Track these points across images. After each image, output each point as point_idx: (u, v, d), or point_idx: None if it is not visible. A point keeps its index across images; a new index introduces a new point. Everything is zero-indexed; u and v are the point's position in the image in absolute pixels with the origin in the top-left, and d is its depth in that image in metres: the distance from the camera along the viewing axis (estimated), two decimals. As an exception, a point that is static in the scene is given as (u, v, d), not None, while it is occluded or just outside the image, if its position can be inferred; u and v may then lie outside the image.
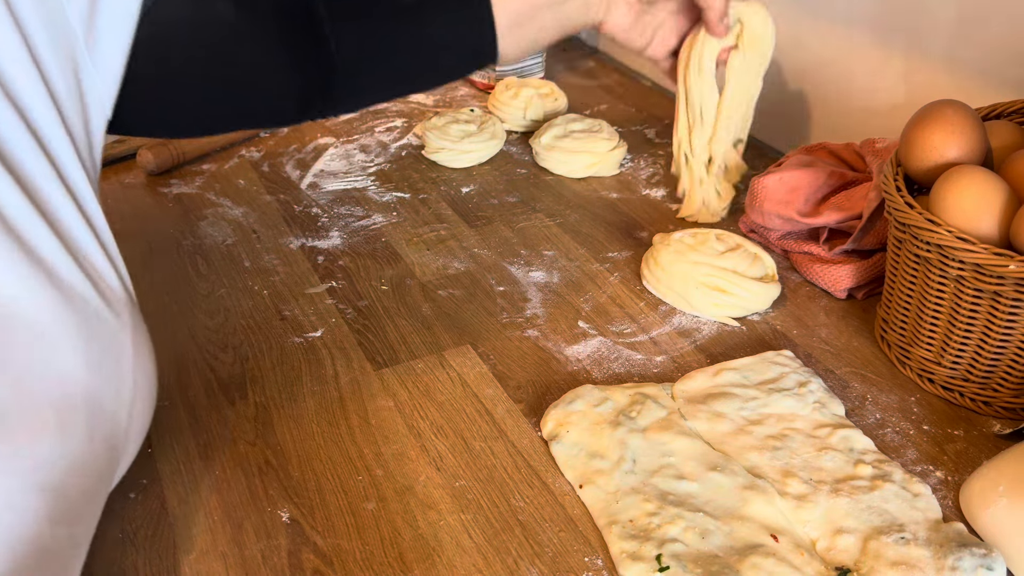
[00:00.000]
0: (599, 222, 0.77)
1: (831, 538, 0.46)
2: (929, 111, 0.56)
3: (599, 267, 0.71)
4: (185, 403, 0.55)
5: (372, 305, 0.66)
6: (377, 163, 0.87)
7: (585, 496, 0.49)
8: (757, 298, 0.64)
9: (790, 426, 0.53)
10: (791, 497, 0.48)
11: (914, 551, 0.45)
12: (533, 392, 0.57)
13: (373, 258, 0.71)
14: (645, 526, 0.46)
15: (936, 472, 0.52)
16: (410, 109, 0.99)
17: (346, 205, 0.79)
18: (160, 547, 0.46)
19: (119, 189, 0.80)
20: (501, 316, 0.65)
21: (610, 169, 0.85)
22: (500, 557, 0.46)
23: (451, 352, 0.61)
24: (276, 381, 0.58)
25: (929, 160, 0.55)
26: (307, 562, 0.45)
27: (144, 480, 0.50)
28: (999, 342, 0.53)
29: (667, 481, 0.49)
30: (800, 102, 0.88)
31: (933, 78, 0.74)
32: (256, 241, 0.73)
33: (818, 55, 0.84)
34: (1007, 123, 0.59)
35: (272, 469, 0.51)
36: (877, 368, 0.60)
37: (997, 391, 0.55)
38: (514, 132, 0.94)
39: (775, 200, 0.69)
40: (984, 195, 0.51)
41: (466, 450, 0.53)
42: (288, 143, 0.90)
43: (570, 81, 1.08)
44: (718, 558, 0.45)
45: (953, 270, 0.52)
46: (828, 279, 0.67)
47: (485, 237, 0.75)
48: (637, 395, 0.55)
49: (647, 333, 0.63)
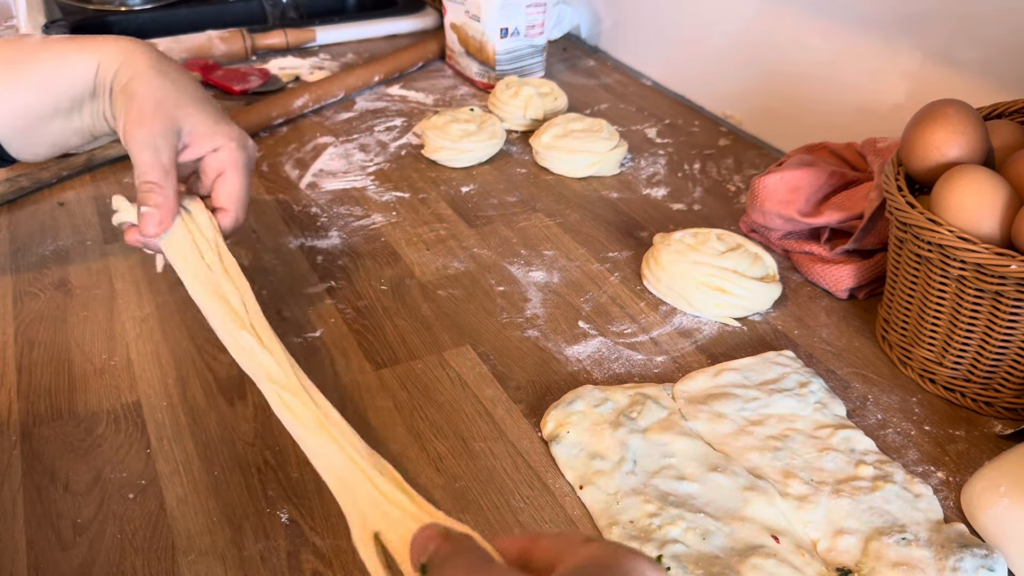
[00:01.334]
0: (599, 222, 0.77)
1: (832, 539, 0.46)
2: (930, 111, 0.56)
3: (599, 267, 0.71)
4: (184, 404, 0.55)
5: (371, 305, 0.65)
6: (376, 162, 0.87)
7: (585, 497, 0.49)
8: (758, 298, 0.64)
9: (791, 427, 0.53)
10: (792, 498, 0.48)
11: (915, 552, 0.45)
12: (533, 392, 0.57)
13: (372, 258, 0.71)
14: (646, 527, 0.46)
15: (937, 473, 0.52)
16: (410, 109, 0.99)
17: (345, 205, 0.79)
18: (159, 548, 0.46)
19: (118, 189, 0.80)
20: (501, 316, 0.64)
21: (610, 169, 0.85)
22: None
23: (451, 352, 0.61)
24: (275, 381, 0.58)
25: (930, 160, 0.55)
26: (306, 563, 0.45)
27: (143, 480, 0.50)
28: (1000, 342, 0.52)
29: (668, 482, 0.49)
30: (801, 102, 0.88)
31: (934, 77, 0.74)
32: (255, 241, 0.73)
33: (818, 55, 0.84)
34: (1009, 123, 0.59)
35: (271, 470, 0.51)
36: (878, 368, 0.60)
37: (999, 392, 0.55)
38: (514, 132, 0.94)
39: (776, 200, 0.69)
40: (986, 195, 0.51)
41: (466, 451, 0.52)
42: (287, 142, 0.90)
43: (570, 81, 1.08)
44: (719, 559, 0.45)
45: (954, 270, 0.52)
46: (829, 279, 0.67)
47: (485, 237, 0.74)
48: (638, 395, 0.55)
49: (647, 333, 0.63)
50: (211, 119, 0.56)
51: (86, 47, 0.55)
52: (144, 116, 0.53)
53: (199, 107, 0.56)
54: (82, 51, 0.55)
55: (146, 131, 0.53)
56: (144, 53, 0.56)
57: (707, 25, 0.98)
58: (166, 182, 0.54)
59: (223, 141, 0.56)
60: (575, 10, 1.19)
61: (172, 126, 0.54)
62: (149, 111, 0.53)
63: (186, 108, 0.55)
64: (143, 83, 0.54)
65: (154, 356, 0.59)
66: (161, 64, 0.56)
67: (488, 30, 1.00)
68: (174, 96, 0.55)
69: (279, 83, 1.03)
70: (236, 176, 0.57)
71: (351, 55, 1.14)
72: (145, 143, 0.53)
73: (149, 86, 0.54)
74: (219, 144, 0.56)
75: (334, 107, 0.99)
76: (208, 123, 0.56)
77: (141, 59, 0.55)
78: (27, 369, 0.58)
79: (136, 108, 0.53)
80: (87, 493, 0.49)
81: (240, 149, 0.57)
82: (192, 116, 0.55)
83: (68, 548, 0.45)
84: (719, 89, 0.98)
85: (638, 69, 1.11)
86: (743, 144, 0.93)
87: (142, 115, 0.53)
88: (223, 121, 0.57)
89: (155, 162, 0.53)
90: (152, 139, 0.53)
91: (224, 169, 0.57)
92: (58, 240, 0.72)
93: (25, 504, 0.48)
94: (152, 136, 0.53)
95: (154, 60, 0.55)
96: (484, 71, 1.03)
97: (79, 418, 0.54)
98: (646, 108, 1.01)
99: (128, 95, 0.54)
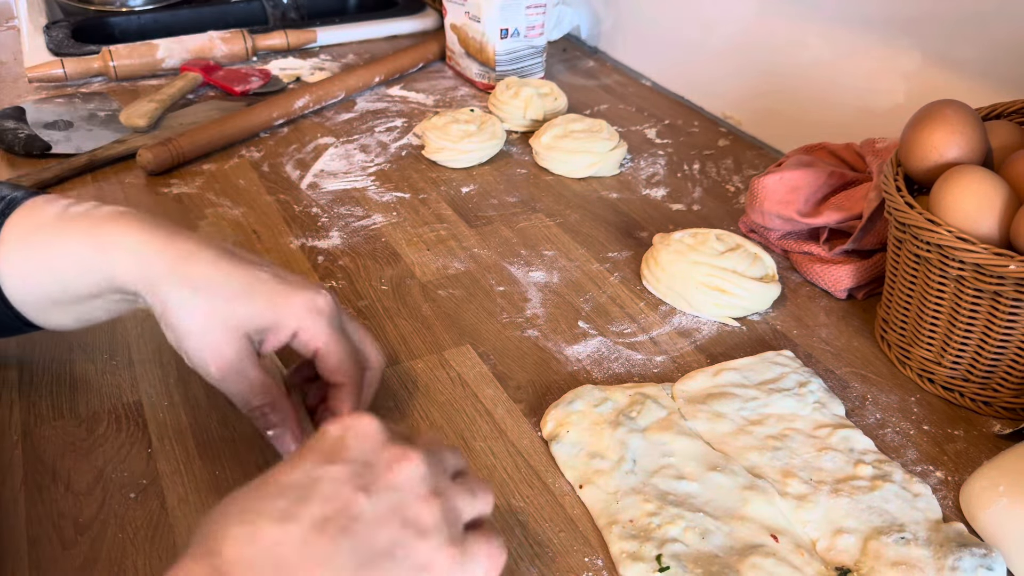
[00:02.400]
0: (599, 222, 0.77)
1: (831, 538, 0.46)
2: (929, 111, 0.56)
3: (599, 267, 0.71)
4: (185, 403, 0.55)
5: (372, 305, 0.66)
6: (377, 163, 0.87)
7: (585, 496, 0.49)
8: (757, 298, 0.64)
9: (790, 426, 0.53)
10: (791, 497, 0.48)
11: (914, 551, 0.45)
12: (533, 392, 0.57)
13: (373, 258, 0.71)
14: (645, 526, 0.46)
15: (936, 472, 0.52)
16: (410, 109, 0.99)
17: (346, 205, 0.79)
18: (160, 547, 0.46)
19: (119, 189, 0.80)
20: (501, 316, 0.65)
21: (610, 169, 0.85)
22: (500, 557, 0.46)
23: (451, 352, 0.61)
24: (276, 381, 0.58)
25: (929, 160, 0.55)
26: (307, 562, 0.45)
27: (144, 480, 0.50)
28: (999, 342, 0.52)
29: (667, 481, 0.49)
30: (800, 102, 0.88)
31: (933, 78, 0.74)
32: (256, 241, 0.73)
33: (818, 55, 0.84)
34: (1007, 123, 0.59)
35: (272, 469, 0.51)
36: (877, 368, 0.60)
37: (997, 391, 0.55)
38: (514, 132, 0.94)
39: (775, 200, 0.69)
40: (984, 195, 0.51)
41: (466, 450, 0.53)
42: (288, 143, 0.90)
43: (570, 81, 1.08)
44: (718, 558, 0.45)
45: (953, 270, 0.52)
46: (828, 279, 0.67)
47: (485, 237, 0.75)
48: (637, 395, 0.55)
49: (647, 333, 0.63)
50: (266, 304, 0.46)
51: (100, 247, 0.46)
52: (205, 349, 0.45)
53: (249, 299, 0.46)
54: (97, 252, 0.46)
55: (215, 368, 0.46)
56: (159, 259, 0.46)
57: (707, 26, 0.98)
58: (268, 397, 0.47)
59: (294, 324, 0.47)
60: (575, 11, 1.19)
61: (237, 342, 0.46)
62: (207, 343, 0.45)
63: (235, 309, 0.46)
64: (174, 309, 0.45)
65: (155, 356, 0.59)
66: (179, 268, 0.46)
67: (488, 31, 1.00)
68: (215, 304, 0.46)
69: (280, 84, 1.03)
70: (331, 349, 0.48)
71: (352, 56, 1.14)
72: (226, 379, 0.46)
73: (183, 309, 0.45)
74: (292, 327, 0.47)
75: (335, 108, 0.99)
76: (266, 311, 0.46)
77: (157, 268, 0.46)
78: (28, 368, 0.58)
79: (192, 345, 0.46)
80: (88, 492, 0.49)
81: (316, 318, 0.47)
82: (249, 315, 0.46)
83: (69, 547, 0.46)
84: (718, 90, 0.98)
85: (638, 70, 1.11)
86: (742, 144, 0.93)
87: (201, 351, 0.46)
88: (280, 294, 0.47)
89: (247, 388, 0.46)
90: (227, 372, 0.46)
91: (315, 348, 0.48)
92: (59, 240, 0.72)
93: (26, 503, 0.48)
94: (225, 369, 0.46)
95: (169, 267, 0.46)
96: (484, 72, 1.04)
97: (80, 417, 0.54)
98: (646, 109, 1.01)
99: (169, 327, 0.46)
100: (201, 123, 0.89)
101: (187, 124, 0.90)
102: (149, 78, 1.04)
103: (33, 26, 1.11)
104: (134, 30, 1.20)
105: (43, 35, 1.09)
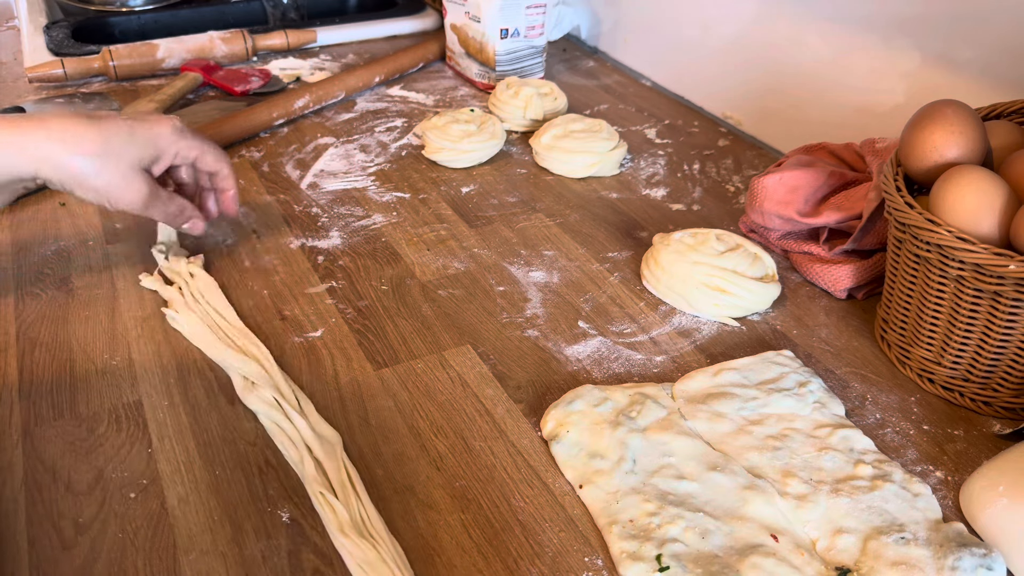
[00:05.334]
0: (599, 222, 0.77)
1: (831, 538, 0.46)
2: (929, 111, 0.56)
3: (599, 267, 0.71)
4: (185, 403, 0.55)
5: (372, 305, 0.66)
6: (377, 163, 0.87)
7: (585, 496, 0.49)
8: (757, 298, 0.64)
9: (790, 426, 0.53)
10: (791, 497, 0.48)
11: (914, 551, 0.45)
12: (533, 392, 0.57)
13: (373, 258, 0.71)
14: (645, 526, 0.46)
15: (936, 472, 0.52)
16: (410, 109, 0.99)
17: (346, 205, 0.79)
18: (160, 547, 0.46)
19: (119, 189, 0.80)
20: (501, 316, 0.65)
21: (610, 169, 0.85)
22: (500, 557, 0.46)
23: (451, 352, 0.61)
24: (276, 381, 0.58)
25: (929, 160, 0.55)
26: (307, 562, 0.45)
27: (144, 480, 0.50)
28: (999, 342, 0.53)
29: (667, 481, 0.49)
30: (800, 102, 0.88)
31: (933, 78, 0.74)
32: (256, 241, 0.73)
33: (818, 55, 0.84)
34: (1007, 123, 0.59)
35: (272, 469, 0.51)
36: (877, 368, 0.60)
37: (997, 391, 0.55)
38: (514, 132, 0.94)
39: (775, 200, 0.69)
40: (984, 195, 0.51)
41: (466, 450, 0.53)
42: (288, 143, 0.90)
43: (570, 81, 1.08)
44: (718, 558, 0.45)
45: (953, 270, 0.52)
46: (828, 279, 0.67)
47: (485, 237, 0.75)
48: (637, 395, 0.55)
49: (647, 333, 0.63)
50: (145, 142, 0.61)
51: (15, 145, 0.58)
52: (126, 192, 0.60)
53: (132, 144, 0.60)
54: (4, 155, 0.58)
55: (140, 202, 0.61)
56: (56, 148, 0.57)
57: (706, 26, 0.98)
58: (179, 204, 0.64)
59: (172, 148, 0.63)
60: (575, 11, 1.19)
61: (142, 176, 0.61)
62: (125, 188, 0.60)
63: (130, 155, 0.60)
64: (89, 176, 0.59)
65: (155, 356, 0.59)
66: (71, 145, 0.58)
67: (488, 31, 1.00)
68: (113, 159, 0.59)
69: (280, 84, 1.03)
70: (205, 150, 0.65)
71: (352, 56, 1.14)
72: (149, 207, 0.62)
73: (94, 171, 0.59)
74: (172, 151, 0.63)
75: (335, 108, 0.99)
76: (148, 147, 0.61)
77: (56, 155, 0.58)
78: (29, 369, 0.58)
79: (115, 195, 0.60)
80: (88, 492, 0.49)
81: (183, 136, 0.63)
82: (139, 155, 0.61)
83: (70, 547, 0.46)
84: (718, 90, 0.99)
85: (637, 70, 1.11)
86: (742, 144, 0.93)
87: (123, 195, 0.60)
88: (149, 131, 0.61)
89: (165, 206, 0.63)
90: (149, 201, 0.61)
91: (195, 156, 0.65)
92: (60, 240, 0.72)
93: (27, 503, 0.48)
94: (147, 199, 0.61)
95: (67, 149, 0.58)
96: (484, 72, 1.04)
97: (81, 417, 0.54)
98: (646, 109, 1.01)
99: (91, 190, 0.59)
100: (201, 123, 0.89)
101: (187, 124, 0.90)
102: (149, 78, 1.04)
103: (33, 26, 1.11)
104: (134, 30, 1.20)
105: (43, 35, 1.09)
